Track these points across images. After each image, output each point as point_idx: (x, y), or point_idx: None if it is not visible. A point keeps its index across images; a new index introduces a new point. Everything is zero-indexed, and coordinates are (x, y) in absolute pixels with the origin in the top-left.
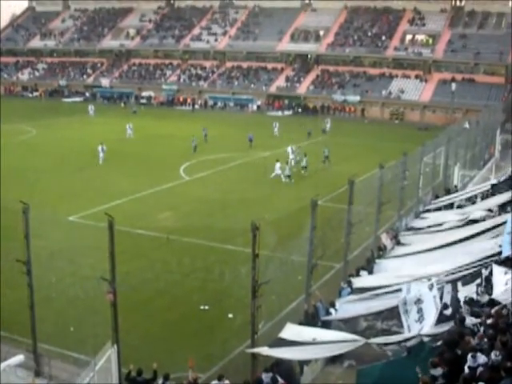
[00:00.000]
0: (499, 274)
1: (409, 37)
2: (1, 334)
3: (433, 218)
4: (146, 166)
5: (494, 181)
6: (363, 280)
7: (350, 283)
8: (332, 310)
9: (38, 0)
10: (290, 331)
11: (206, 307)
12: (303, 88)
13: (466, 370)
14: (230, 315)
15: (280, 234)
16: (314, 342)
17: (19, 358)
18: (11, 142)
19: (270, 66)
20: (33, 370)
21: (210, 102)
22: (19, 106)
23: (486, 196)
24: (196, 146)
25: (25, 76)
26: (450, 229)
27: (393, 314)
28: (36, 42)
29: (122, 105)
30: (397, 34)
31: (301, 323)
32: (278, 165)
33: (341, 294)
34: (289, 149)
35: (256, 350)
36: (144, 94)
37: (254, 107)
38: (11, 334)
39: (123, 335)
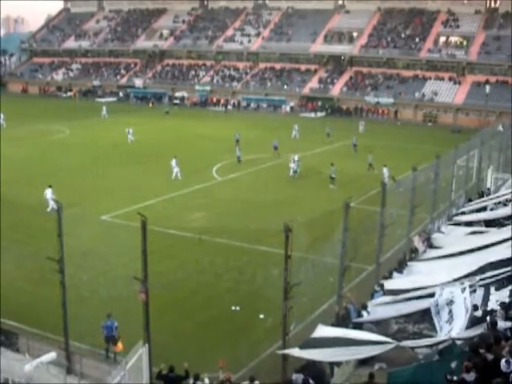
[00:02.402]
0: None
1: (442, 38)
2: (34, 331)
3: (466, 221)
4: (181, 165)
5: None
6: (395, 282)
7: (381, 286)
8: (364, 313)
9: (72, 1)
10: (322, 332)
11: (238, 308)
12: (336, 89)
13: (500, 375)
14: (262, 316)
15: (312, 235)
16: (345, 343)
17: (51, 355)
18: (45, 142)
19: (303, 67)
20: (65, 367)
21: (243, 103)
22: (53, 106)
23: None
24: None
25: (59, 76)
26: (483, 232)
27: (424, 316)
28: (71, 43)
29: (150, 105)
30: (430, 36)
31: (332, 325)
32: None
33: (373, 297)
34: (294, 157)
35: (287, 351)
36: (177, 94)
37: (287, 108)
38: (44, 332)
39: (155, 334)
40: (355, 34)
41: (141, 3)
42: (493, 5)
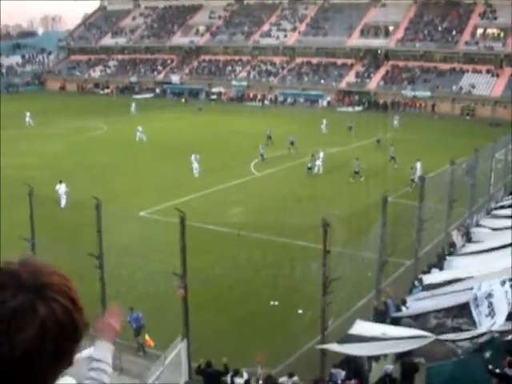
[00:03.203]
0: None
1: (480, 31)
2: None
3: (505, 214)
4: (216, 161)
5: None
6: (434, 277)
7: (420, 280)
8: (403, 308)
9: None
10: (360, 327)
11: (276, 303)
12: (373, 84)
13: None
14: (300, 311)
15: (350, 230)
16: (383, 338)
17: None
18: (83, 139)
19: (339, 61)
20: None
21: (280, 98)
22: (91, 103)
23: None
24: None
25: (96, 73)
26: None
27: (463, 311)
28: (107, 40)
29: (183, 100)
30: (467, 28)
31: (371, 320)
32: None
33: (412, 292)
34: (319, 153)
35: (326, 346)
36: (214, 90)
37: (324, 103)
38: None
39: (193, 330)
40: (391, 28)
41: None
42: None
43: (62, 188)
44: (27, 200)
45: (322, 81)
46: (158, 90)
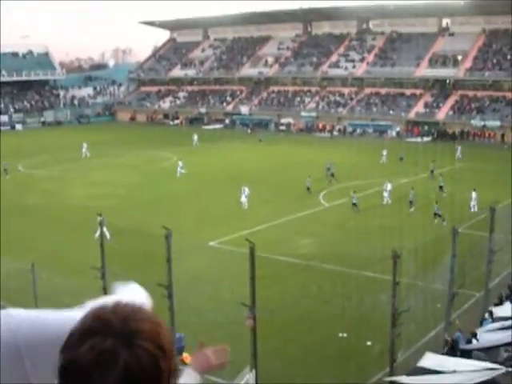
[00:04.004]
0: None
1: None
2: None
3: None
4: (285, 192)
5: None
6: (505, 309)
7: (491, 312)
8: (473, 340)
9: (178, 30)
10: (429, 360)
11: (345, 335)
12: (442, 114)
13: None
14: (369, 343)
15: (419, 261)
16: (453, 371)
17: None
18: (154, 169)
19: (408, 91)
20: None
21: (349, 129)
22: (161, 134)
23: None
24: (333, 174)
25: (166, 104)
26: None
27: None
28: (177, 72)
29: (249, 131)
30: None
31: (440, 352)
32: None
33: (482, 324)
34: (387, 185)
35: (395, 378)
36: (283, 120)
37: (393, 133)
38: None
39: (261, 359)
40: (460, 57)
41: (245, 31)
42: None
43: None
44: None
45: (391, 111)
46: (227, 121)
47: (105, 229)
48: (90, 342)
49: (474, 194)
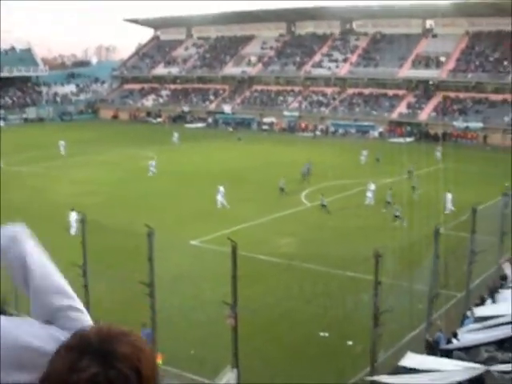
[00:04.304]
0: None
1: None
2: None
3: None
4: (266, 191)
5: None
6: (485, 309)
7: (472, 313)
8: (454, 340)
9: (162, 29)
10: (411, 360)
11: (326, 334)
12: (425, 114)
13: None
14: (350, 342)
15: (401, 261)
16: (433, 370)
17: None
18: (136, 167)
19: (391, 92)
20: None
21: (332, 129)
22: (143, 132)
23: None
24: (308, 172)
25: (149, 102)
26: None
27: None
28: (160, 70)
29: (231, 130)
30: None
31: (421, 352)
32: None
33: (463, 324)
34: (370, 185)
35: (376, 377)
36: (266, 120)
37: (376, 134)
38: None
39: (242, 358)
40: (443, 59)
41: (229, 30)
42: None
43: (73, 216)
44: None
45: (374, 111)
46: (210, 120)
47: (74, 223)
48: (67, 358)
49: (448, 196)
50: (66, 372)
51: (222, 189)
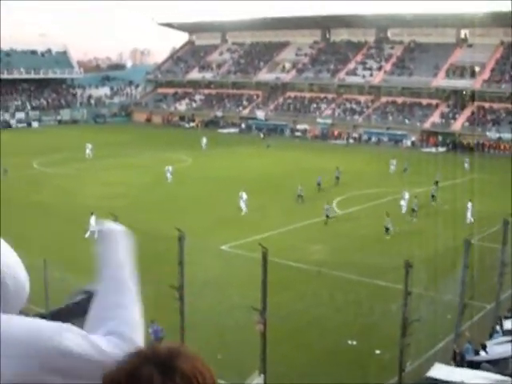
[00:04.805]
0: None
1: None
2: None
3: None
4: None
5: None
6: None
7: (501, 325)
8: (482, 352)
9: (197, 33)
10: (438, 371)
11: (354, 342)
12: (458, 124)
13: None
14: (378, 351)
15: (431, 272)
16: (461, 382)
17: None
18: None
19: (424, 101)
20: None
21: (365, 137)
22: (176, 136)
23: None
24: (338, 177)
25: (182, 106)
26: None
27: None
28: (194, 74)
29: (262, 136)
30: None
31: (449, 363)
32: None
33: (492, 336)
34: (404, 194)
35: None
36: (299, 126)
37: (408, 143)
38: None
39: (270, 364)
40: (477, 69)
41: (263, 36)
42: None
43: (92, 220)
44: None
45: (407, 120)
46: (243, 126)
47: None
48: (132, 363)
49: (469, 206)
50: (127, 374)
51: (244, 195)
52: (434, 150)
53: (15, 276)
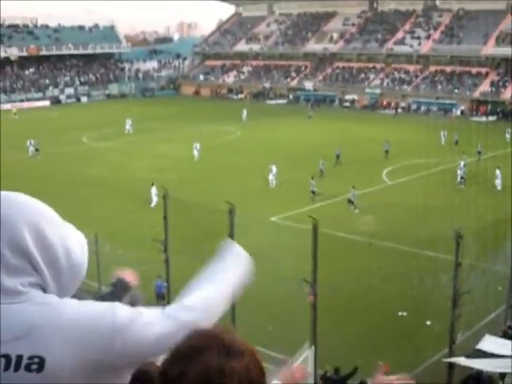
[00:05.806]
0: None
1: None
2: None
3: None
4: (348, 169)
5: None
6: None
7: None
8: None
9: (244, 5)
10: (488, 343)
11: (404, 313)
12: (508, 93)
13: None
14: (428, 322)
15: (482, 243)
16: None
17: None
18: (217, 143)
19: (474, 70)
20: None
21: (413, 107)
22: (225, 108)
23: None
24: (387, 151)
25: (230, 79)
26: None
27: None
28: (242, 46)
29: (309, 107)
30: None
31: (500, 335)
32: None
33: None
34: (461, 162)
35: (453, 359)
36: (347, 97)
37: (458, 112)
38: None
39: (320, 336)
40: None
41: (311, 6)
42: None
43: (153, 190)
44: (161, 202)
45: (456, 90)
46: (291, 97)
47: (155, 197)
48: (206, 359)
49: (498, 173)
50: (191, 353)
51: (274, 168)
52: (483, 119)
53: (73, 260)
